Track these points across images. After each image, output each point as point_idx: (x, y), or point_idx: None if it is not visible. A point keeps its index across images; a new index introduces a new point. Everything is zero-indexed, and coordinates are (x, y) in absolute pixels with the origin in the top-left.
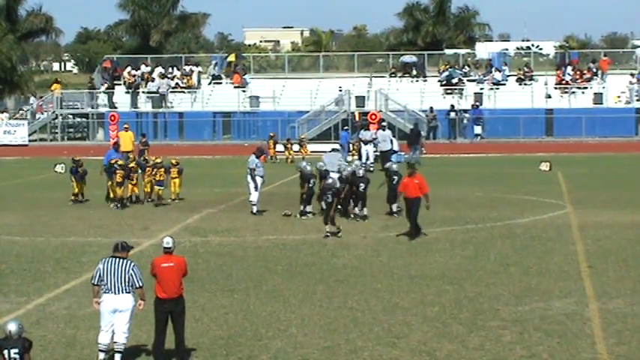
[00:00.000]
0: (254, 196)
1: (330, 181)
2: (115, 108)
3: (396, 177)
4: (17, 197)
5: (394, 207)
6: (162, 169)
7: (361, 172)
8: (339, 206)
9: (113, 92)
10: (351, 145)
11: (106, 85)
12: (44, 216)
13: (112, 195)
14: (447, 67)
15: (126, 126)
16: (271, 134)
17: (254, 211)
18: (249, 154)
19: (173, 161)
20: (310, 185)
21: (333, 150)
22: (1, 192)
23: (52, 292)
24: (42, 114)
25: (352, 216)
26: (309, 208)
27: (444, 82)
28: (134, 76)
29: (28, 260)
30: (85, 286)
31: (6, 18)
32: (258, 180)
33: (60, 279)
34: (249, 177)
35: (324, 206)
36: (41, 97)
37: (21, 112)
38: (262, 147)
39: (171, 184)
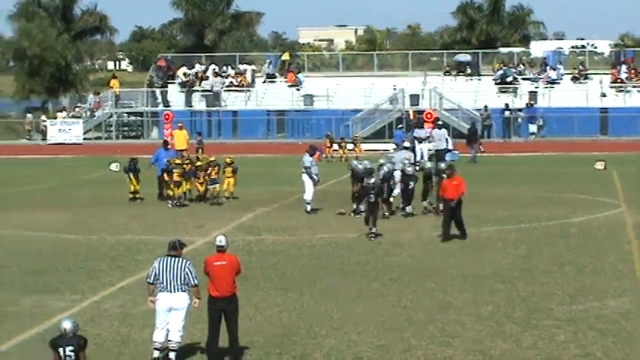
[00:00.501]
0: (308, 195)
1: (372, 180)
2: (169, 106)
3: (445, 176)
4: (72, 195)
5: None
6: (216, 167)
7: (410, 170)
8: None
9: (167, 91)
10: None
11: (160, 84)
12: (99, 214)
13: (170, 193)
14: (502, 65)
15: (180, 124)
16: (328, 133)
17: (308, 209)
18: (303, 153)
19: (228, 160)
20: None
21: (404, 148)
22: (56, 190)
23: (106, 290)
24: (96, 110)
25: (402, 214)
26: (362, 207)
27: (498, 81)
28: (188, 75)
29: (83, 258)
30: (139, 284)
31: (61, 17)
32: (314, 178)
33: (115, 277)
34: (304, 175)
35: (365, 206)
36: (98, 94)
37: (77, 109)
38: (315, 145)
39: (225, 182)
